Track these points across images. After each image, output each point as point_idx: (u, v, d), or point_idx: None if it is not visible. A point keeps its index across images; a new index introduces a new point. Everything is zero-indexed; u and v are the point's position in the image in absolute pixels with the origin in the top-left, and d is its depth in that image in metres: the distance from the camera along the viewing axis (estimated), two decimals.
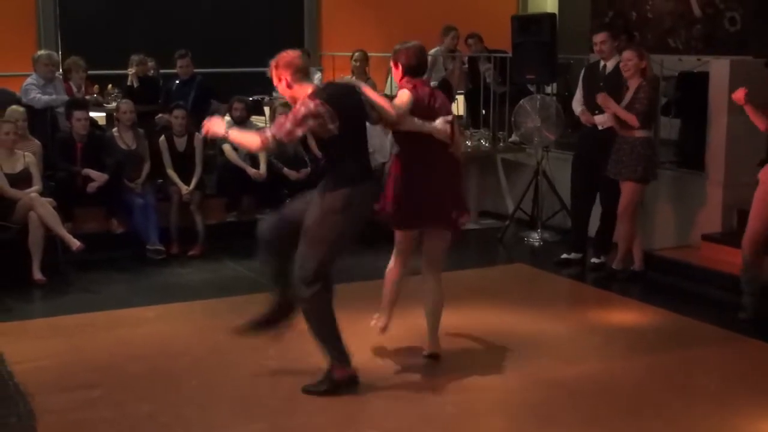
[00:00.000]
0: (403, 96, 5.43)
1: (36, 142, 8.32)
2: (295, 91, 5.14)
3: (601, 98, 7.45)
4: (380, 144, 9.77)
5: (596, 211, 8.05)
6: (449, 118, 5.52)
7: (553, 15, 9.69)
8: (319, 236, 5.11)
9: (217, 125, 5.23)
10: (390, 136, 9.67)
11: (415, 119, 5.41)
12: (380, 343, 6.08)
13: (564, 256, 8.18)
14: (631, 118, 7.30)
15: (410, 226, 5.75)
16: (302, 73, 5.16)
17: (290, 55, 5.21)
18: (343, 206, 5.08)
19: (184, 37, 10.93)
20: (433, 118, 5.47)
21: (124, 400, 5.17)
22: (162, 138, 8.81)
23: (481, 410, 5.12)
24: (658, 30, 11.71)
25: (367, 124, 5.36)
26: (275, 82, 5.24)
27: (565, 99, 9.41)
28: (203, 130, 5.35)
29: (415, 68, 5.62)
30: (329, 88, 5.25)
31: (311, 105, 4.97)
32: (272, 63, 5.24)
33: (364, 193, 5.20)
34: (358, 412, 5.04)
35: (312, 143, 6.22)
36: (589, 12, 12.52)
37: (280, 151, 8.60)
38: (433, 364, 5.71)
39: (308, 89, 5.12)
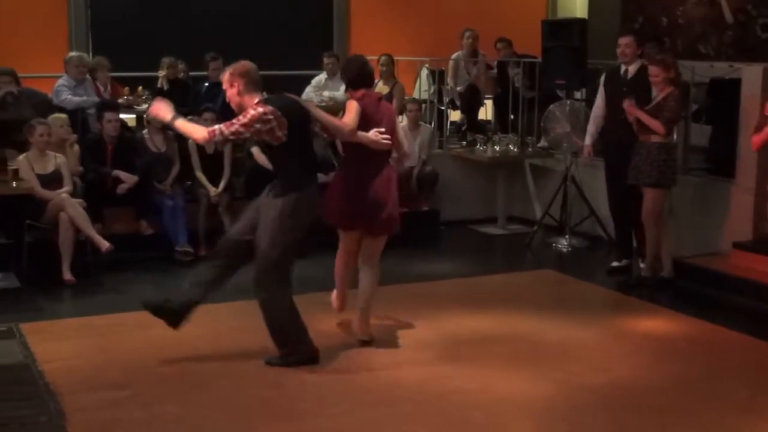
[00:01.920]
0: (351, 109, 5.78)
1: (76, 147, 8.39)
2: (244, 99, 5.52)
3: (627, 105, 7.41)
4: (408, 147, 9.78)
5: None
6: (382, 129, 5.83)
7: (583, 20, 9.67)
8: (272, 239, 5.48)
9: (163, 109, 5.60)
10: (417, 140, 9.75)
11: (359, 133, 5.77)
12: (408, 348, 6.07)
13: (614, 264, 8.13)
14: (658, 126, 7.27)
15: (349, 227, 6.08)
16: (254, 85, 5.53)
17: (247, 65, 5.59)
18: (292, 210, 5.48)
19: (214, 40, 10.97)
20: (377, 127, 5.83)
21: (152, 400, 5.19)
22: (191, 140, 8.83)
23: (508, 417, 5.10)
24: (689, 36, 11.65)
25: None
26: (226, 86, 5.59)
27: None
28: (148, 112, 5.71)
29: (356, 80, 5.97)
30: (277, 99, 5.56)
31: (261, 110, 5.37)
32: (229, 69, 5.62)
33: (309, 197, 5.58)
34: (385, 416, 5.03)
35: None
36: (619, 17, 12.46)
37: None
38: (461, 370, 5.69)
39: (256, 99, 5.49)
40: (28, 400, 5.13)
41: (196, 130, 5.58)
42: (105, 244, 7.63)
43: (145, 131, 8.86)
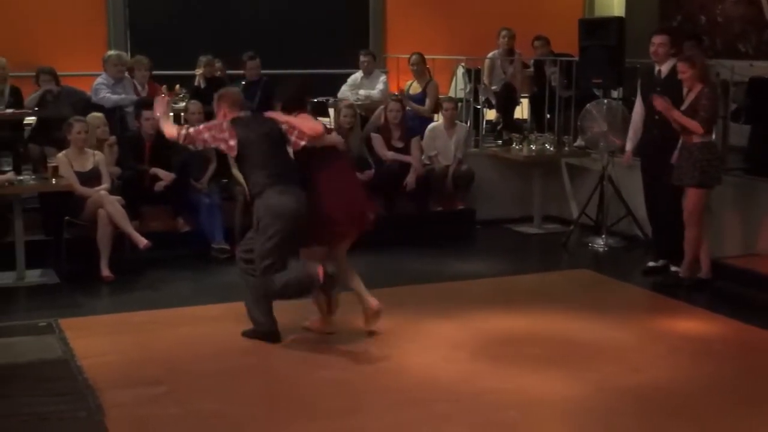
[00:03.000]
0: (307, 117, 6.22)
1: (115, 148, 8.47)
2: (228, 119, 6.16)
3: (660, 104, 7.35)
4: (444, 146, 9.80)
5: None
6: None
7: (620, 19, 9.60)
8: (258, 240, 5.94)
9: (159, 103, 6.44)
10: (453, 139, 9.74)
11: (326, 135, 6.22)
12: (442, 347, 6.07)
13: (650, 264, 8.09)
14: (695, 126, 7.21)
15: (356, 226, 6.27)
16: (235, 106, 6.20)
17: (227, 92, 6.38)
18: (263, 213, 5.89)
19: (250, 39, 11.04)
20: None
21: (189, 397, 5.24)
22: None
23: (544, 417, 5.09)
24: (728, 35, 11.53)
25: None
26: (217, 111, 6.30)
27: (632, 104, 9.30)
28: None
29: (296, 102, 6.30)
30: (243, 118, 6.19)
31: (219, 122, 6.12)
32: (216, 95, 6.36)
33: (276, 201, 5.87)
34: (421, 415, 5.03)
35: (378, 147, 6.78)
36: (657, 16, 12.37)
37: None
38: (496, 370, 5.68)
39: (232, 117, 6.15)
40: (67, 395, 5.18)
41: (168, 128, 6.28)
42: (142, 241, 7.69)
43: None
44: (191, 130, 6.14)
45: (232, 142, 5.98)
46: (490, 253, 8.95)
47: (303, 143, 6.05)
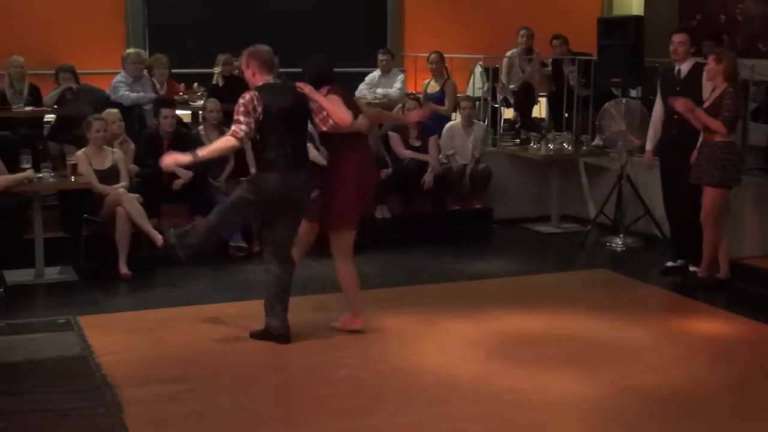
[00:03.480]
0: (337, 101, 6.03)
1: (131, 145, 8.48)
2: (256, 80, 5.97)
3: (681, 106, 7.30)
4: (462, 145, 9.79)
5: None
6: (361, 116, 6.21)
7: (639, 18, 9.56)
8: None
9: (175, 158, 6.01)
10: (470, 138, 9.72)
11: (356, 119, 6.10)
12: (460, 346, 6.06)
13: (669, 264, 8.05)
14: (718, 125, 7.17)
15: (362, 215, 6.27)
16: (265, 67, 5.98)
17: (259, 48, 6.03)
18: (257, 188, 5.89)
19: (268, 37, 10.94)
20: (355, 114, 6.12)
21: (207, 394, 5.24)
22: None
23: (562, 417, 5.07)
24: (748, 34, 11.48)
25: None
26: (243, 67, 6.09)
27: (651, 103, 9.28)
28: (163, 166, 6.13)
29: (323, 77, 6.21)
30: (271, 86, 5.96)
31: (242, 101, 5.83)
32: (245, 52, 6.06)
33: (278, 181, 5.84)
34: (438, 413, 5.03)
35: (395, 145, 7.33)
36: (676, 14, 12.32)
37: None
38: (514, 370, 5.67)
39: (261, 82, 5.95)
40: (85, 392, 5.20)
41: (222, 144, 5.97)
42: (160, 239, 7.69)
43: (200, 127, 8.94)
44: (239, 129, 5.79)
45: (257, 114, 5.83)
46: (507, 253, 8.94)
47: (325, 129, 6.02)
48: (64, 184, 7.76)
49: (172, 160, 6.02)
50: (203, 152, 5.98)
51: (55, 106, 9.17)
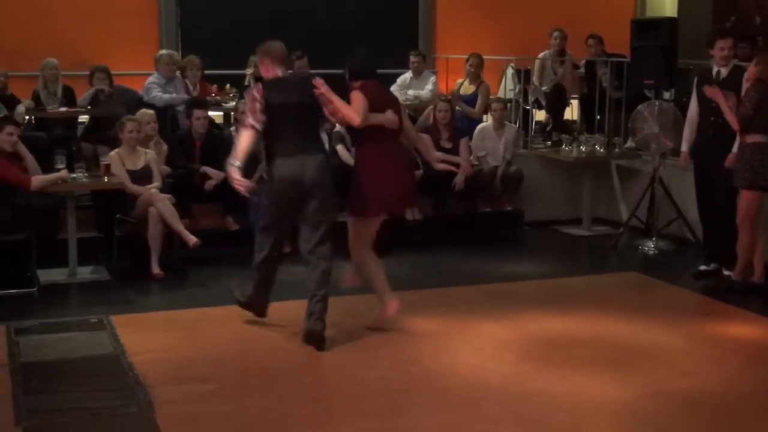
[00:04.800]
0: (357, 98, 6.12)
1: (164, 146, 8.54)
2: (269, 75, 6.15)
3: (711, 91, 7.27)
4: (493, 147, 9.77)
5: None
6: (391, 111, 6.23)
7: (673, 19, 9.51)
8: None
9: (231, 176, 6.07)
10: (502, 140, 9.70)
11: (369, 114, 6.13)
12: (490, 348, 6.05)
13: (702, 267, 7.99)
14: (733, 120, 7.15)
15: (383, 211, 6.26)
16: (277, 61, 6.12)
17: (269, 44, 6.18)
18: (270, 178, 6.04)
19: (300, 38, 11.04)
20: (383, 111, 6.18)
21: (238, 394, 5.27)
22: None
23: (593, 419, 5.05)
24: None
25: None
26: (260, 65, 6.27)
27: (684, 105, 9.23)
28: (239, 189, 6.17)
29: (360, 72, 6.30)
30: (279, 79, 6.10)
31: (249, 96, 6.04)
32: (259, 49, 6.24)
33: (282, 163, 5.95)
34: (468, 415, 5.02)
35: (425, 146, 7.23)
36: (711, 16, 12.21)
37: None
38: (545, 372, 5.64)
39: (272, 75, 6.13)
40: (118, 391, 5.24)
41: (243, 141, 6.05)
42: (192, 239, 7.75)
43: (232, 128, 8.98)
44: (249, 122, 5.98)
45: (263, 109, 5.95)
46: (538, 255, 8.91)
47: (336, 121, 6.25)
48: (97, 184, 7.81)
49: (235, 180, 6.06)
50: (237, 155, 6.04)
51: (89, 107, 9.26)
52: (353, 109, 6.07)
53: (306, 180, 5.92)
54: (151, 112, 8.63)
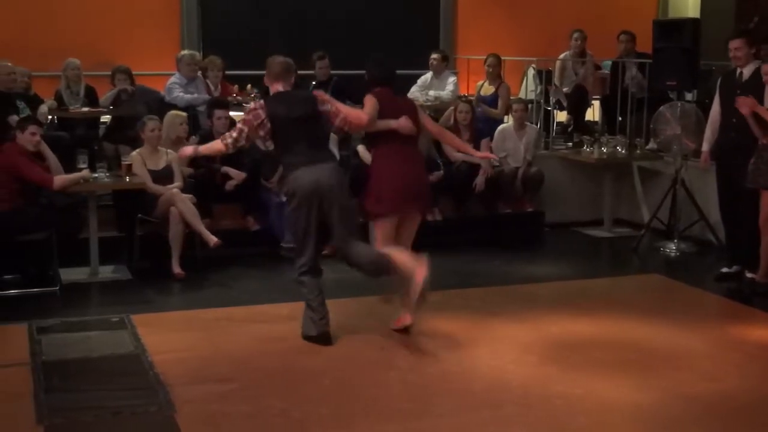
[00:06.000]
0: (368, 102, 6.29)
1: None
2: (272, 89, 6.30)
3: (744, 102, 7.23)
4: (514, 148, 9.75)
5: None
6: (406, 117, 6.34)
7: (696, 20, 9.48)
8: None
9: (186, 151, 6.54)
10: (523, 141, 9.67)
11: (379, 120, 6.28)
12: (511, 350, 6.03)
13: (724, 270, 7.94)
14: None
15: (398, 211, 6.33)
16: (277, 76, 6.22)
17: (271, 60, 6.31)
18: (290, 191, 6.00)
19: (320, 39, 11.09)
20: (398, 117, 6.31)
21: (258, 394, 5.27)
22: None
23: (613, 422, 5.02)
24: None
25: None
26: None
27: (706, 107, 9.19)
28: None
29: (378, 78, 6.47)
30: (281, 94, 6.19)
31: (251, 107, 6.18)
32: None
33: (299, 174, 5.96)
34: (489, 419, 5.00)
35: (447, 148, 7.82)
36: (733, 17, 12.14)
37: None
38: (566, 375, 5.62)
39: (274, 89, 6.25)
40: (138, 390, 5.25)
41: (214, 145, 6.38)
42: (213, 239, 7.76)
43: None
44: (231, 135, 6.14)
45: (266, 125, 6.03)
46: (559, 256, 8.88)
47: (348, 129, 6.40)
48: (119, 184, 7.85)
49: (184, 151, 6.56)
50: (203, 147, 6.50)
51: (111, 107, 9.30)
52: (362, 111, 6.24)
53: (324, 186, 5.95)
54: (184, 114, 8.65)
